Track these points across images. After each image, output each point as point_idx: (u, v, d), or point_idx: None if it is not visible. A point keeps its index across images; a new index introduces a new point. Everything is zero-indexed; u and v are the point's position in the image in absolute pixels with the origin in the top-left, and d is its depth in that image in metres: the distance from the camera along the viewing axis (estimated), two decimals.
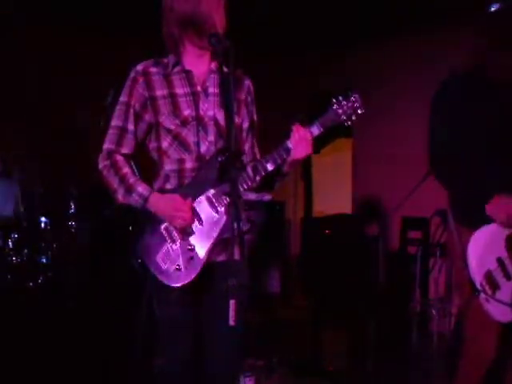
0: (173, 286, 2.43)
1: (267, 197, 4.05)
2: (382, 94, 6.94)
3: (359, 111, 2.49)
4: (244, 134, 2.67)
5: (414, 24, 6.61)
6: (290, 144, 2.43)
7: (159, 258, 2.45)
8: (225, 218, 2.41)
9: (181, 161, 2.50)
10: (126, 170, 2.51)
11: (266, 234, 7.00)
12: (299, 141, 2.41)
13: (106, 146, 2.55)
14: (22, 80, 6.38)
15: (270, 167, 2.44)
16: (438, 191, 3.23)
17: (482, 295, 2.87)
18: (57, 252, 5.37)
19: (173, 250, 2.44)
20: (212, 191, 2.44)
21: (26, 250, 5.26)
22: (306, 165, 9.02)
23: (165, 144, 2.51)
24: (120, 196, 2.49)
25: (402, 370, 4.98)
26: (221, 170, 2.43)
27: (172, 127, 2.48)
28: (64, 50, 6.50)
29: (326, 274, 7.10)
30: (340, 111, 2.47)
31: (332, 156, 8.68)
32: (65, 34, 6.58)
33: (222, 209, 2.43)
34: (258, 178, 2.44)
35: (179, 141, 2.49)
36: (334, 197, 8.76)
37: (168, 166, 2.52)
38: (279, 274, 7.65)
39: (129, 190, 2.47)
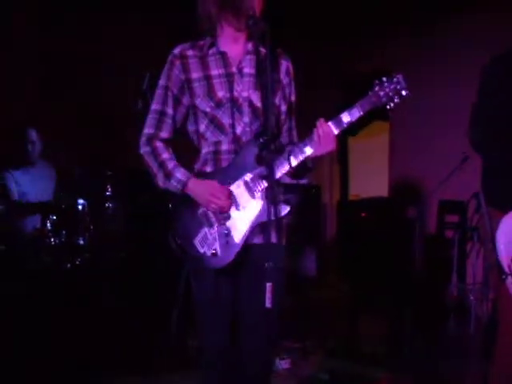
0: (210, 268, 2.44)
1: (303, 180, 4.03)
2: (419, 77, 6.86)
3: (403, 93, 2.40)
4: (282, 116, 2.64)
5: (457, 6, 6.56)
6: (313, 139, 2.40)
7: (197, 241, 2.46)
8: (262, 202, 2.41)
9: (217, 143, 2.50)
10: (164, 155, 2.53)
11: (302, 217, 7.02)
12: (322, 137, 2.37)
13: (146, 130, 2.57)
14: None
15: (308, 151, 2.41)
16: (475, 175, 3.17)
17: (510, 279, 2.76)
18: (94, 234, 5.42)
19: (210, 234, 2.45)
20: (249, 175, 2.43)
21: (64, 232, 5.31)
22: (341, 148, 8.97)
23: (202, 127, 2.52)
24: (160, 182, 2.52)
25: (439, 354, 4.95)
26: (258, 154, 2.41)
27: (207, 109, 2.49)
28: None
29: (361, 257, 7.08)
30: (382, 93, 2.40)
31: (368, 139, 8.62)
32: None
33: (259, 193, 2.42)
34: (296, 162, 2.41)
35: (215, 123, 2.49)
36: (370, 180, 8.70)
37: (205, 149, 2.54)
38: (315, 257, 7.64)
39: (167, 176, 2.49)
